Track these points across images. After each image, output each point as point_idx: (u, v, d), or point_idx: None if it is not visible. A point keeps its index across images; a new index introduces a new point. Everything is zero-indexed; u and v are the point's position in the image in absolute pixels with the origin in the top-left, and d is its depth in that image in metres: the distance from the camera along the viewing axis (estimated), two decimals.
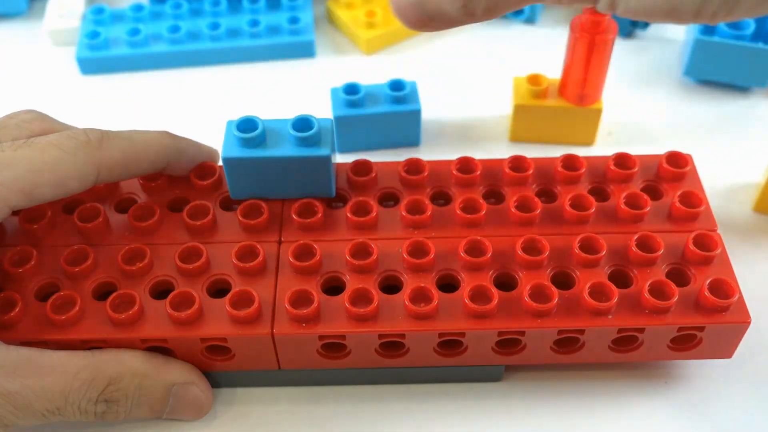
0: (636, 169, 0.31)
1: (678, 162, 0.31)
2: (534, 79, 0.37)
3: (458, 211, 0.30)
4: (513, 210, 0.30)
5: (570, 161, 0.31)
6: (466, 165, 0.31)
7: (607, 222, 0.30)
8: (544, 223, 0.30)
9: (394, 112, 0.38)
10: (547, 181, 0.31)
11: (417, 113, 0.38)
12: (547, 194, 0.31)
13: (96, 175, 0.28)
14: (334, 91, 0.38)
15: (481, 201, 0.30)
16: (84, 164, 0.27)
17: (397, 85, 0.38)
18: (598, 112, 0.37)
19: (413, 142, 0.39)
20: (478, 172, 0.31)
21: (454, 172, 0.31)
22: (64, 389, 0.25)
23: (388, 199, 0.31)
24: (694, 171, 0.32)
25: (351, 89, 0.38)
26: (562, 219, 0.30)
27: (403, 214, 0.30)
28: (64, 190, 0.27)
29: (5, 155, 0.26)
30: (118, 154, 0.28)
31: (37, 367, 0.25)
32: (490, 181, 0.31)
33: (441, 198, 0.31)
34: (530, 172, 0.31)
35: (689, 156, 0.32)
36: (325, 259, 0.29)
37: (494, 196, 0.31)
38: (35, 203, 0.27)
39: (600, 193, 0.31)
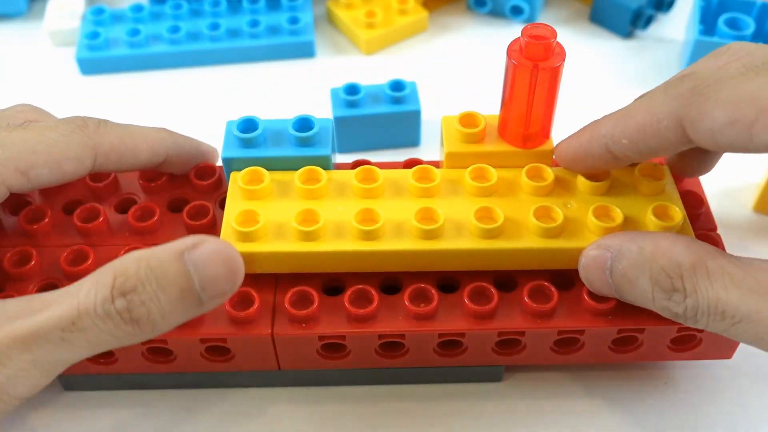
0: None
1: None
2: (467, 119, 0.29)
3: None
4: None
5: None
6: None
7: None
8: None
9: (393, 113, 0.38)
10: None
11: (417, 114, 0.38)
12: None
13: (92, 159, 0.28)
14: (334, 92, 0.38)
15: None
16: (80, 147, 0.27)
17: (397, 86, 0.38)
18: (549, 153, 0.29)
19: (413, 142, 0.39)
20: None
21: None
22: (72, 302, 0.23)
23: None
24: None
25: (351, 89, 0.38)
26: None
27: None
28: (61, 174, 0.27)
29: (1, 136, 0.26)
30: (116, 140, 0.29)
31: (38, 303, 0.23)
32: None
33: None
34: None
35: None
36: None
37: None
38: (33, 186, 0.27)
39: None
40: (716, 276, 0.23)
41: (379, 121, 0.38)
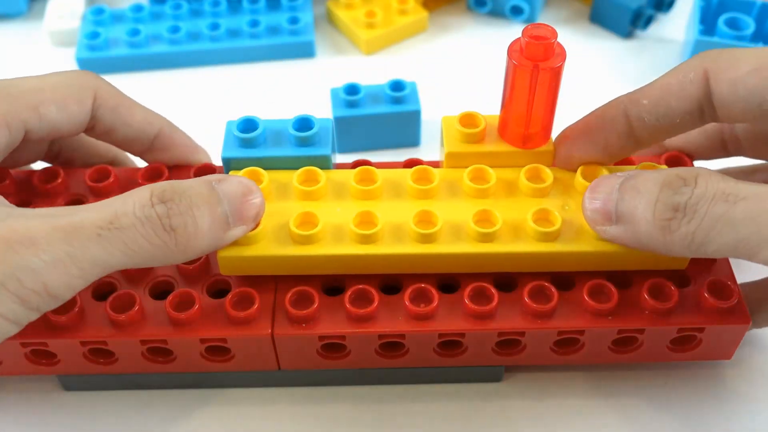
0: None
1: (678, 163, 0.31)
2: (467, 119, 0.29)
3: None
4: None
5: None
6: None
7: None
8: None
9: (393, 113, 0.38)
10: None
11: (417, 114, 0.38)
12: None
13: (92, 99, 0.29)
14: (334, 92, 0.38)
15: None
16: (81, 87, 0.29)
17: (397, 86, 0.38)
18: (549, 154, 0.29)
19: (413, 142, 0.39)
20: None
21: None
22: (111, 206, 0.23)
23: None
24: None
25: (351, 90, 0.38)
26: None
27: None
28: (67, 114, 0.29)
29: (7, 80, 0.28)
30: (113, 90, 0.30)
31: (77, 209, 0.23)
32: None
33: None
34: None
35: (689, 157, 0.32)
36: None
37: None
38: (43, 126, 0.28)
39: None
40: (712, 174, 0.24)
41: (379, 121, 0.38)
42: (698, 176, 0.24)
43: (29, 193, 0.31)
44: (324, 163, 0.29)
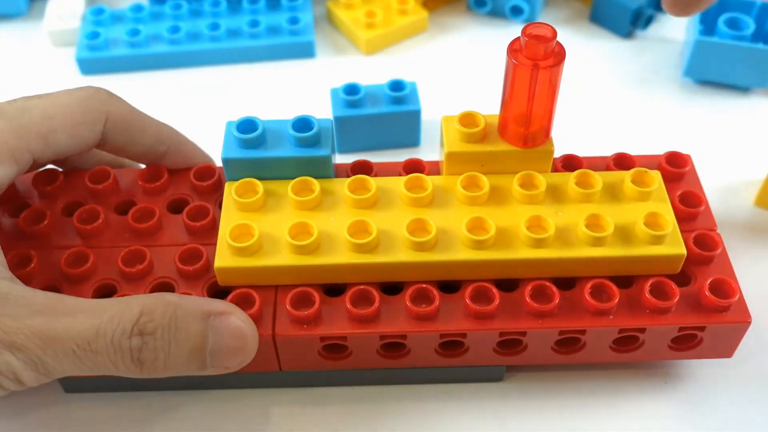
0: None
1: (677, 162, 0.31)
2: (467, 119, 0.29)
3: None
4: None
5: (569, 161, 0.31)
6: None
7: None
8: None
9: (393, 113, 0.38)
10: None
11: (417, 114, 0.38)
12: None
13: (103, 124, 0.29)
14: (333, 92, 0.38)
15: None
16: (93, 111, 0.29)
17: (396, 86, 0.38)
18: (550, 153, 0.29)
19: (413, 142, 0.39)
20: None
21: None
22: (95, 322, 0.24)
23: None
24: (693, 171, 0.32)
25: (351, 89, 0.38)
26: None
27: None
28: (78, 139, 0.29)
29: (18, 104, 0.28)
30: (125, 111, 0.30)
31: (67, 306, 0.24)
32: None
33: None
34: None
35: (688, 156, 0.32)
36: None
37: None
38: (51, 152, 0.28)
39: None
40: None
41: (379, 122, 0.38)
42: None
43: (29, 194, 0.31)
44: (324, 164, 0.29)
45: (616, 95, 0.42)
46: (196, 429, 0.29)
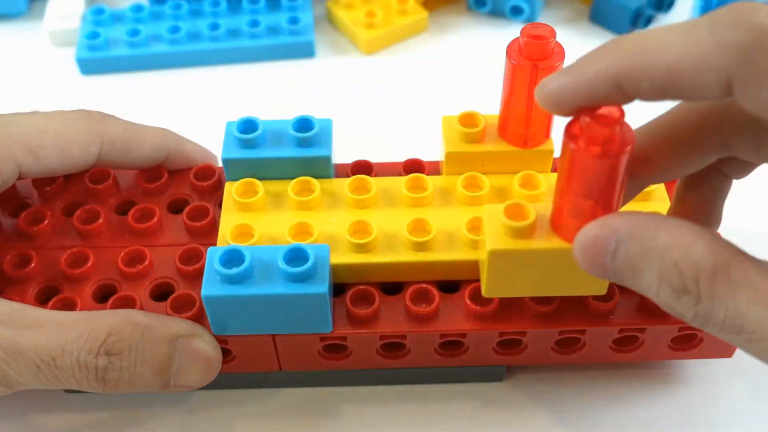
0: None
1: None
2: (467, 119, 0.29)
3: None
4: None
5: None
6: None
7: None
8: None
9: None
10: None
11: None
12: None
13: (98, 147, 0.29)
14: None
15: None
16: (87, 133, 0.29)
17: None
18: (550, 153, 0.29)
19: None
20: None
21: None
22: (61, 338, 0.24)
23: None
24: None
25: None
26: None
27: None
28: (69, 158, 0.28)
29: (12, 116, 0.28)
30: (120, 130, 0.30)
31: (32, 318, 0.24)
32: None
33: None
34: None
35: None
36: None
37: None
38: (40, 168, 0.28)
39: None
40: (739, 285, 0.19)
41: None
42: (700, 281, 0.19)
43: (29, 194, 0.31)
44: (324, 164, 0.29)
45: None
46: (196, 429, 0.29)
